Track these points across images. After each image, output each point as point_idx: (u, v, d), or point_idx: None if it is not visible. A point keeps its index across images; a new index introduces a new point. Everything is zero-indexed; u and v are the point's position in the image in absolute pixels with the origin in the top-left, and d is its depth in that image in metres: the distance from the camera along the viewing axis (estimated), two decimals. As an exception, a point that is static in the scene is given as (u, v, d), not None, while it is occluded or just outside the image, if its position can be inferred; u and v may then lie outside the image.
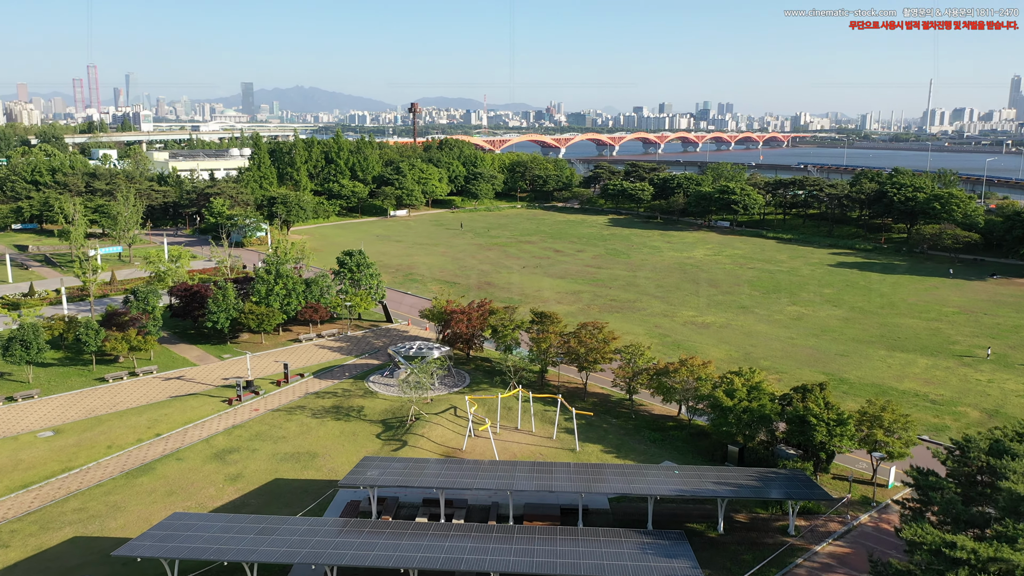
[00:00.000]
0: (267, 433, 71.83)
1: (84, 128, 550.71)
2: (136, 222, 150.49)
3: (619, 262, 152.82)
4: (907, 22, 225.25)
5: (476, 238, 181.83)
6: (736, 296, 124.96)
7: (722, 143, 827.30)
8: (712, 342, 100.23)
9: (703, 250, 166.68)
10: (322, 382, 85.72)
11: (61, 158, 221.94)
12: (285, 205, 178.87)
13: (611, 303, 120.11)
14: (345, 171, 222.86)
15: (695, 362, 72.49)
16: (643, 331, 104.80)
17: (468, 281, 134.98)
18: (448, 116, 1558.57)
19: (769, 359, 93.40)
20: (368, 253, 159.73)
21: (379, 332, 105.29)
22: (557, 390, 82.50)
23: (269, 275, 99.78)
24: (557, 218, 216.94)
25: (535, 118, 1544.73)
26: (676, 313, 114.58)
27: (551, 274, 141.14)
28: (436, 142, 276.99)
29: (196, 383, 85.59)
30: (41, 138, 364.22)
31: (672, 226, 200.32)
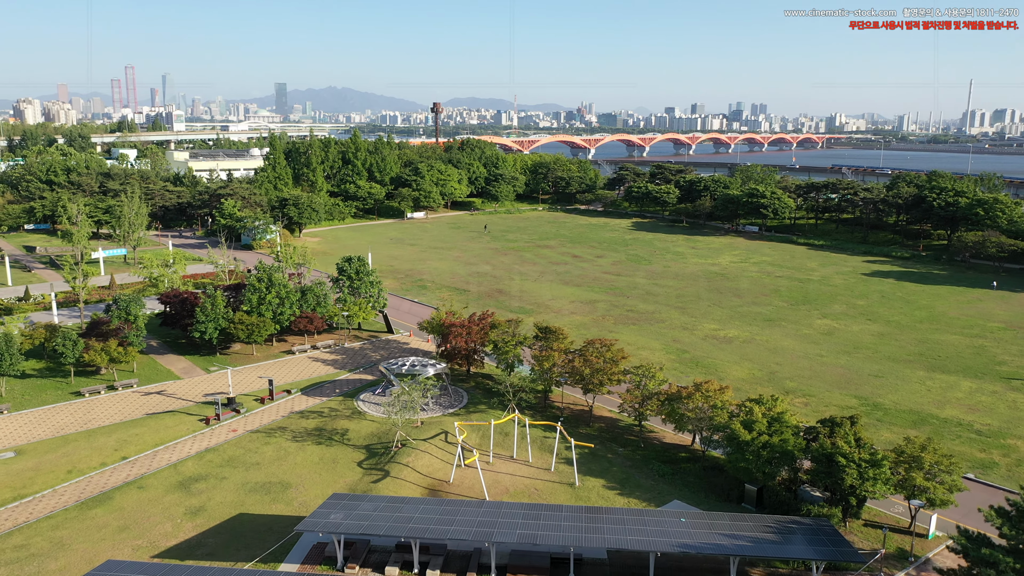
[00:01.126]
0: (240, 458, 65.98)
1: (114, 128, 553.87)
2: (142, 223, 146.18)
3: (640, 269, 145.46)
4: (907, 22, 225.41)
5: (493, 242, 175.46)
6: (762, 307, 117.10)
7: (755, 144, 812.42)
8: (734, 359, 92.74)
9: (729, 257, 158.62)
10: (309, 399, 79.84)
11: (77, 158, 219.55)
12: (297, 207, 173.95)
13: (628, 314, 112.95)
14: (362, 172, 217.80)
15: (711, 387, 65.34)
16: (660, 346, 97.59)
17: (479, 288, 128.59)
18: (479, 117, 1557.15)
19: (795, 379, 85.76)
20: (379, 257, 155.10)
21: (378, 344, 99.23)
22: (561, 413, 75.82)
23: (261, 283, 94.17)
24: (579, 221, 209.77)
25: (566, 118, 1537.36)
26: (697, 326, 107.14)
27: (567, 281, 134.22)
28: (457, 142, 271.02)
29: (176, 399, 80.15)
30: (67, 137, 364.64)
31: (698, 231, 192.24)
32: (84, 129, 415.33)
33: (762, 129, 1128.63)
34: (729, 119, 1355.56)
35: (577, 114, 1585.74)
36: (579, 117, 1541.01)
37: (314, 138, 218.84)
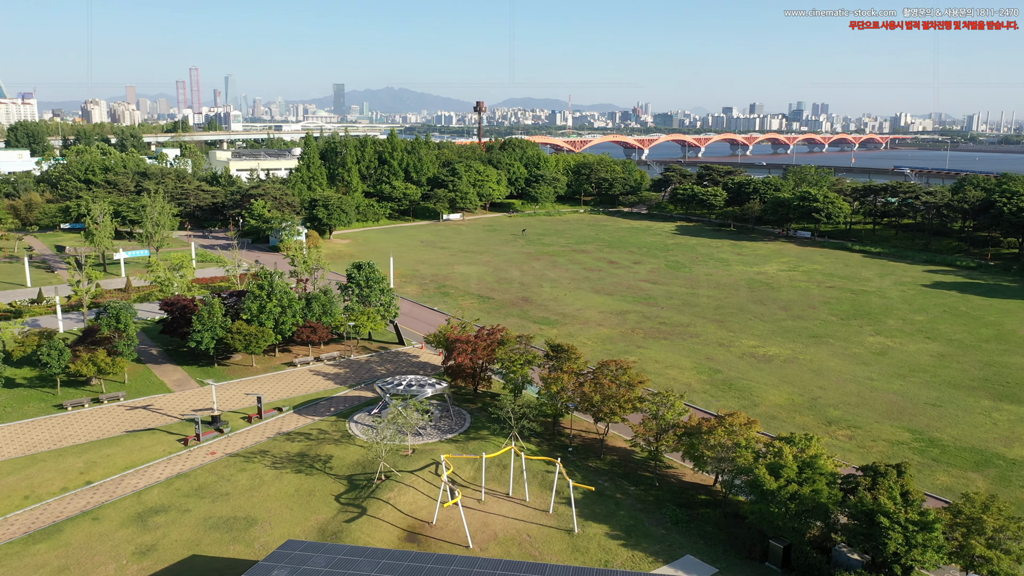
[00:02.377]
0: (210, 487, 59.96)
1: (170, 128, 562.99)
2: (166, 223, 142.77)
3: (678, 277, 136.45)
4: (907, 22, 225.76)
5: (527, 246, 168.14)
6: (808, 322, 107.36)
7: (815, 145, 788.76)
8: (772, 381, 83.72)
9: (777, 264, 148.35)
10: (300, 419, 73.69)
11: (115, 157, 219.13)
12: (326, 208, 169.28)
13: (660, 327, 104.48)
14: (399, 172, 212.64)
15: (736, 420, 57.04)
16: (690, 364, 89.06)
17: (504, 296, 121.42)
18: (534, 117, 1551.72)
19: (840, 407, 76.49)
20: (407, 260, 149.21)
21: (386, 356, 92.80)
22: (570, 441, 68.17)
23: (262, 290, 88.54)
24: (620, 224, 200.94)
25: (621, 118, 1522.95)
26: (734, 342, 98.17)
27: (599, 289, 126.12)
28: (499, 142, 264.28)
29: (161, 415, 74.84)
30: (120, 137, 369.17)
31: (745, 235, 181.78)
32: (136, 129, 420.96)
33: (823, 129, 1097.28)
34: (789, 119, 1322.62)
35: (632, 114, 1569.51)
36: (634, 117, 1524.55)
37: (349, 137, 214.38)
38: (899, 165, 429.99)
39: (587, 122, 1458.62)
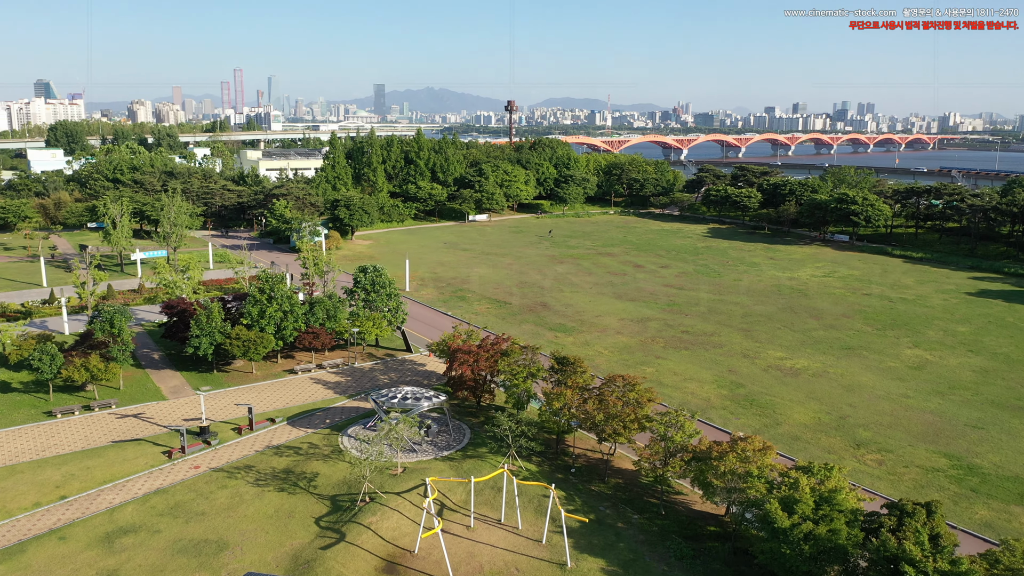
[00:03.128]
0: (187, 505, 56.60)
1: (209, 127, 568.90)
2: (183, 223, 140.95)
3: (706, 282, 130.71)
4: (907, 22, 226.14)
5: (552, 248, 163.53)
6: (841, 332, 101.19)
7: (859, 145, 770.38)
8: (798, 397, 78.14)
9: (811, 269, 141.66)
10: (293, 431, 70.19)
11: (144, 156, 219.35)
12: (348, 208, 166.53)
13: (681, 336, 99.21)
14: (425, 172, 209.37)
15: (749, 446, 52.03)
16: (711, 377, 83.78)
17: (521, 301, 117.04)
18: (573, 117, 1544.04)
19: (871, 427, 70.74)
20: (427, 263, 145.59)
21: (391, 364, 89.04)
22: (574, 461, 63.64)
23: (263, 294, 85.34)
24: (650, 226, 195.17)
25: (661, 118, 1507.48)
26: (760, 353, 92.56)
27: (621, 295, 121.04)
28: (529, 142, 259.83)
29: (151, 424, 71.92)
30: (155, 136, 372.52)
31: (780, 239, 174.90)
32: (172, 129, 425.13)
33: (868, 129, 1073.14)
34: (833, 119, 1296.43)
35: (673, 114, 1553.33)
36: (675, 117, 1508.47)
37: (374, 137, 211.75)
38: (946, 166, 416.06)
39: (626, 122, 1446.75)
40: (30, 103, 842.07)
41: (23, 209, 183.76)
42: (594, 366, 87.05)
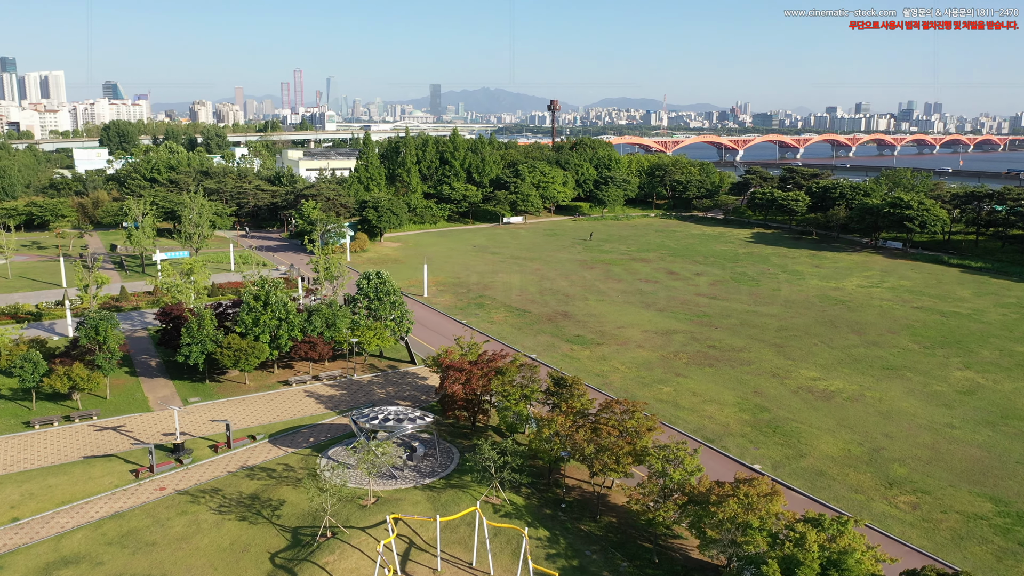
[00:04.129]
0: (139, 533, 52.38)
1: (260, 128, 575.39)
2: (206, 223, 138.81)
3: (742, 292, 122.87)
4: (907, 22, 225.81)
5: (585, 252, 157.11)
6: (884, 349, 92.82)
7: (924, 146, 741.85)
8: (828, 424, 70.68)
9: (858, 279, 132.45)
10: (272, 450, 65.69)
11: (182, 155, 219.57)
12: (376, 210, 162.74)
13: (707, 351, 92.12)
14: (460, 173, 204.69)
15: (754, 490, 45.44)
16: (733, 399, 76.75)
17: (542, 310, 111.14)
18: (628, 117, 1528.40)
19: (907, 462, 63.09)
20: (452, 267, 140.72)
21: (391, 377, 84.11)
22: (565, 494, 57.62)
23: (257, 301, 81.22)
24: (691, 231, 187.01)
25: (718, 119, 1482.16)
26: (792, 372, 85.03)
27: (649, 304, 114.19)
28: (570, 142, 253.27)
29: (128, 438, 68.26)
30: (205, 136, 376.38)
31: (827, 245, 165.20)
32: (221, 129, 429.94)
33: (934, 130, 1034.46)
34: (898, 119, 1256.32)
35: (730, 114, 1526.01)
36: (732, 117, 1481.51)
37: (409, 136, 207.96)
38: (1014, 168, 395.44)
39: (683, 122, 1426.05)
40: (94, 104, 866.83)
41: (60, 208, 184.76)
42: (606, 383, 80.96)
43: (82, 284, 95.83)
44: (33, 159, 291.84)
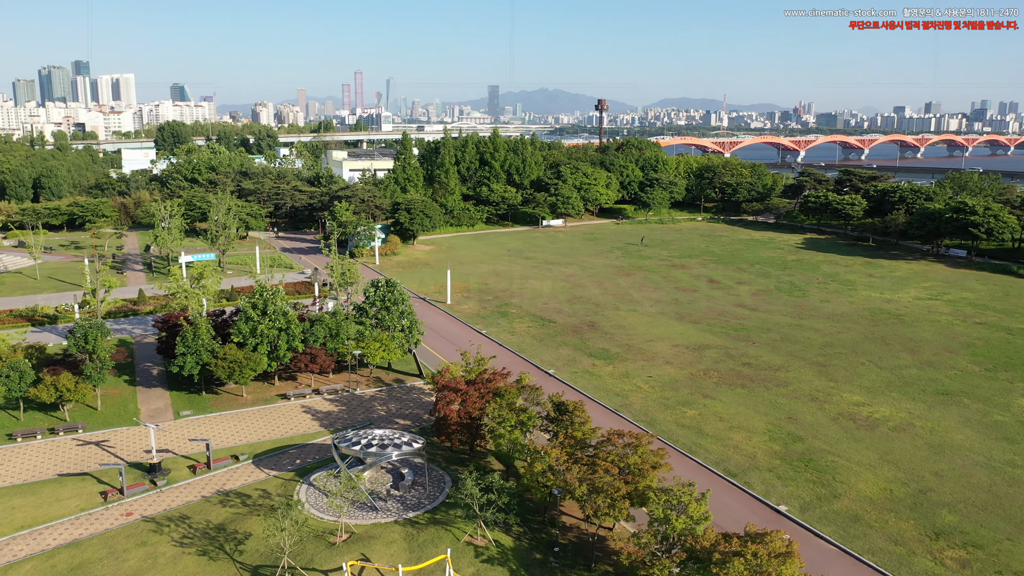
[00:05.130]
0: (91, 567, 48.23)
1: (315, 128, 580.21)
2: (233, 224, 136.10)
3: (786, 303, 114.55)
4: (907, 22, 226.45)
5: (623, 258, 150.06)
6: (940, 371, 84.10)
7: (998, 147, 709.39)
8: (869, 459, 62.99)
9: (916, 290, 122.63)
10: (254, 473, 61.14)
11: (224, 156, 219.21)
12: (409, 212, 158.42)
13: (741, 369, 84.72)
14: (500, 174, 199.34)
15: (768, 548, 38.81)
16: (764, 425, 69.50)
17: (568, 319, 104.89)
18: (687, 117, 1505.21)
19: (959, 508, 55.21)
20: (481, 272, 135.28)
21: (395, 392, 79.02)
22: (562, 535, 51.43)
23: (255, 309, 76.99)
24: (739, 235, 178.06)
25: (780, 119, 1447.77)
26: (834, 395, 77.21)
27: (683, 315, 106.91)
28: (616, 143, 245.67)
29: (110, 454, 64.60)
30: (256, 137, 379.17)
31: (884, 252, 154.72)
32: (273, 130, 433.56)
33: (1009, 130, 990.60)
34: (970, 119, 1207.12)
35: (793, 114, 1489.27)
36: (795, 117, 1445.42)
37: (448, 137, 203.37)
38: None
39: (744, 122, 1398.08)
40: (159, 105, 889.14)
41: (101, 208, 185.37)
42: (625, 404, 74.48)
43: (90, 288, 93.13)
44: (89, 159, 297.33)
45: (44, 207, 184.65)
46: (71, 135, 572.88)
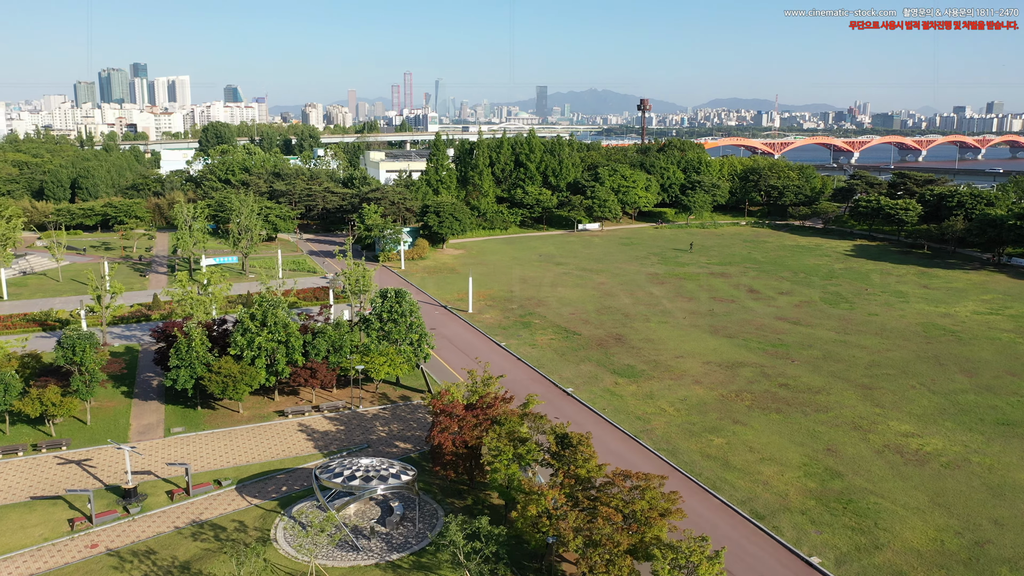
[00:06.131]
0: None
1: (359, 129, 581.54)
2: (256, 226, 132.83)
3: (832, 316, 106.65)
4: (907, 22, 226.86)
5: (660, 264, 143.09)
6: (1001, 397, 75.94)
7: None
8: (919, 501, 55.76)
9: (974, 303, 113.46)
10: (235, 500, 56.53)
11: (259, 157, 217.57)
12: (438, 215, 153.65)
13: (777, 391, 77.69)
14: (536, 176, 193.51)
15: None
16: (799, 458, 62.63)
17: (594, 331, 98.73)
18: (738, 118, 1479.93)
19: (1021, 566, 47.82)
20: (508, 279, 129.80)
21: (399, 411, 73.92)
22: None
23: (253, 320, 72.58)
24: (783, 241, 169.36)
25: (834, 119, 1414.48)
26: (879, 423, 69.83)
27: (718, 329, 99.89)
28: (657, 144, 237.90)
29: (89, 475, 60.69)
30: (299, 137, 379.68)
31: (940, 261, 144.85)
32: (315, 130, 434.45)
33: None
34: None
35: (848, 114, 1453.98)
36: (849, 118, 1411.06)
37: (481, 137, 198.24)
38: None
39: (796, 123, 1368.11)
40: (210, 106, 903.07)
41: (134, 209, 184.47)
42: (646, 430, 68.24)
43: (95, 294, 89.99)
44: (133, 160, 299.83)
45: (79, 207, 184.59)
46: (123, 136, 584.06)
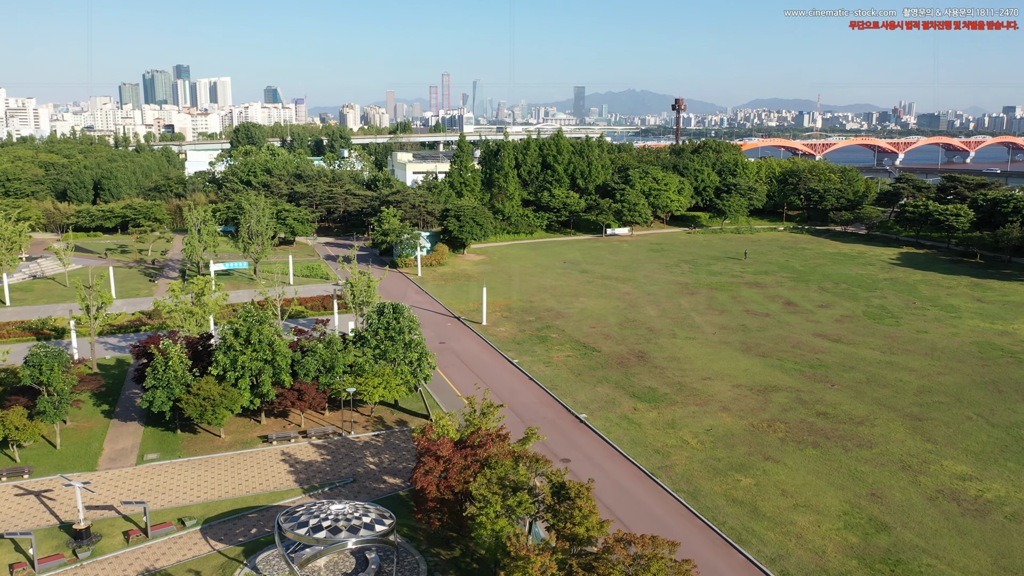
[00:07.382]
0: None
1: (392, 129, 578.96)
2: (267, 230, 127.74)
3: (876, 332, 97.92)
4: (907, 22, 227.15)
5: (691, 273, 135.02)
6: (1071, 433, 67.08)
7: None
8: (979, 564, 47.73)
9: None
10: (198, 543, 50.50)
11: (282, 158, 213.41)
12: (459, 219, 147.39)
13: (815, 421, 69.72)
14: (563, 178, 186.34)
15: None
16: (839, 504, 54.77)
17: (616, 348, 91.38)
18: (779, 119, 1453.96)
19: (1110, 656, 39.64)
20: (527, 288, 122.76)
21: (393, 438, 67.44)
22: (548, 672, 38.49)
23: (237, 337, 66.70)
24: (824, 248, 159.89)
25: (878, 120, 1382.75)
26: (932, 462, 61.59)
27: (750, 347, 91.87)
28: (692, 145, 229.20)
29: (45, 511, 55.14)
30: (329, 137, 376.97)
31: (995, 272, 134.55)
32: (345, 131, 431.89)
33: None
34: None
35: (892, 115, 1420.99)
36: (894, 118, 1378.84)
37: (507, 138, 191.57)
38: None
39: (839, 123, 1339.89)
40: (248, 107, 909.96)
41: (154, 211, 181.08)
42: (664, 466, 60.87)
43: (83, 304, 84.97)
44: (164, 160, 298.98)
45: (98, 209, 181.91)
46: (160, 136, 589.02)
